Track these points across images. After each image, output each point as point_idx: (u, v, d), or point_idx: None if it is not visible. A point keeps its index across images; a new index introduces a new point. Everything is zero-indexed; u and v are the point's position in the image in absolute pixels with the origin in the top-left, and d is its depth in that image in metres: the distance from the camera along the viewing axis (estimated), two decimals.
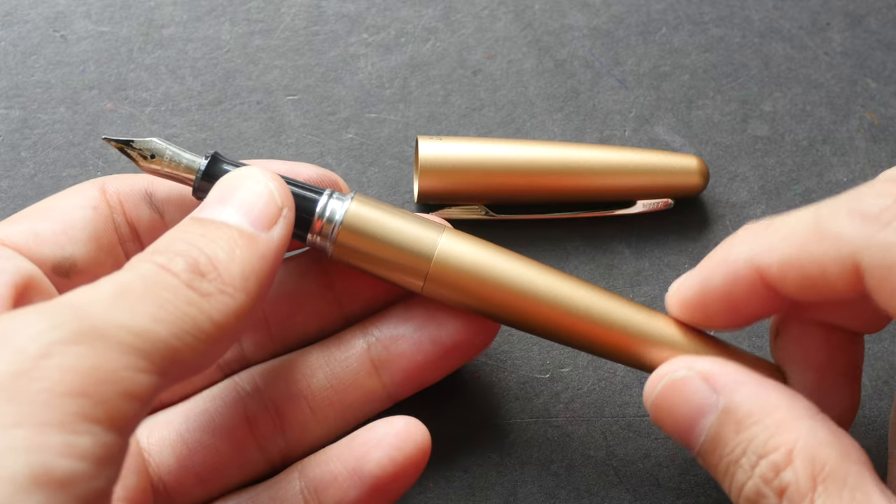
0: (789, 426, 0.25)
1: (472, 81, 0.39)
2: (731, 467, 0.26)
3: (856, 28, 0.41)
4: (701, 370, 0.27)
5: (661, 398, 0.27)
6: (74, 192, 0.30)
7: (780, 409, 0.26)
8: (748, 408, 0.26)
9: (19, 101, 0.38)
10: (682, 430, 0.27)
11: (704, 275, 0.28)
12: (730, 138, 0.39)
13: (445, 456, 0.33)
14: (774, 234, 0.27)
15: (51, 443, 0.20)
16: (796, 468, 0.25)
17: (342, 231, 0.29)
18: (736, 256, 0.27)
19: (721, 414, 0.26)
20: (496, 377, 0.34)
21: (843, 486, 0.24)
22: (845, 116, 0.39)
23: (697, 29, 0.41)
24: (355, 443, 0.29)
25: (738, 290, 0.27)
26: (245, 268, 0.25)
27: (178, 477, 0.29)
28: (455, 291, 0.30)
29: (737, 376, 0.27)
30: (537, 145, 0.36)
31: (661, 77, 0.40)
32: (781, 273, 0.26)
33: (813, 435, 0.25)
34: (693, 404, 0.27)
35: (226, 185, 0.27)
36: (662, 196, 0.37)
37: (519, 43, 0.40)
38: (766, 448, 0.25)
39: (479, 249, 0.30)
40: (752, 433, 0.26)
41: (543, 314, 0.29)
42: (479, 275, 0.29)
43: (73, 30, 0.39)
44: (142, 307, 0.23)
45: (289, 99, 0.38)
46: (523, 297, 0.29)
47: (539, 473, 0.33)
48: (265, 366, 0.31)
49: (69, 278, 0.28)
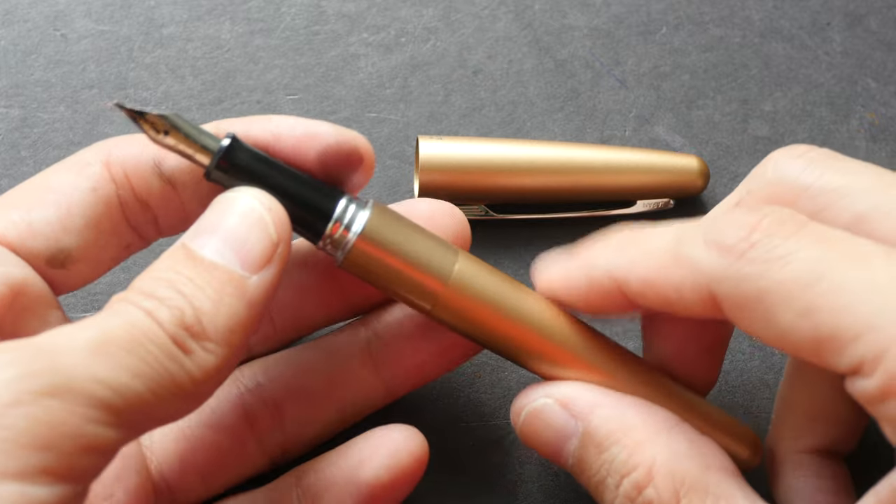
0: (647, 443, 0.26)
1: (473, 81, 0.39)
2: (598, 487, 0.27)
3: (856, 28, 0.41)
4: (559, 397, 0.28)
5: (526, 426, 0.28)
6: (75, 168, 0.28)
7: (637, 428, 0.26)
8: (606, 429, 0.27)
9: (19, 100, 0.38)
10: (550, 454, 0.28)
11: (567, 273, 0.28)
12: (730, 138, 0.39)
13: (445, 455, 0.33)
14: (635, 250, 0.27)
15: (7, 493, 0.20)
16: (657, 485, 0.25)
17: (358, 242, 0.27)
18: (597, 266, 0.28)
19: (582, 437, 0.27)
20: (497, 377, 0.34)
21: (705, 495, 0.25)
22: (845, 116, 0.39)
23: (698, 29, 0.41)
24: (352, 451, 0.29)
25: (596, 296, 0.28)
26: (230, 320, 0.24)
27: (181, 474, 0.29)
28: (462, 322, 0.28)
29: (594, 398, 0.27)
30: (538, 145, 0.36)
31: (661, 77, 0.40)
32: (640, 290, 0.27)
33: (671, 449, 0.26)
34: (555, 431, 0.28)
35: (219, 210, 0.26)
36: (663, 196, 0.37)
37: (519, 43, 0.40)
38: (627, 467, 0.26)
39: (492, 281, 0.29)
40: (612, 454, 0.26)
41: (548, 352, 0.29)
42: (488, 309, 0.28)
43: (73, 28, 0.39)
44: (120, 360, 0.22)
45: (289, 98, 0.38)
46: (531, 333, 0.29)
47: (539, 473, 0.33)
48: (266, 360, 0.31)
49: (65, 268, 0.27)
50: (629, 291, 0.27)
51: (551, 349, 0.28)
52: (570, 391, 0.28)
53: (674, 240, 0.26)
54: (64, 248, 0.27)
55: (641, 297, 0.27)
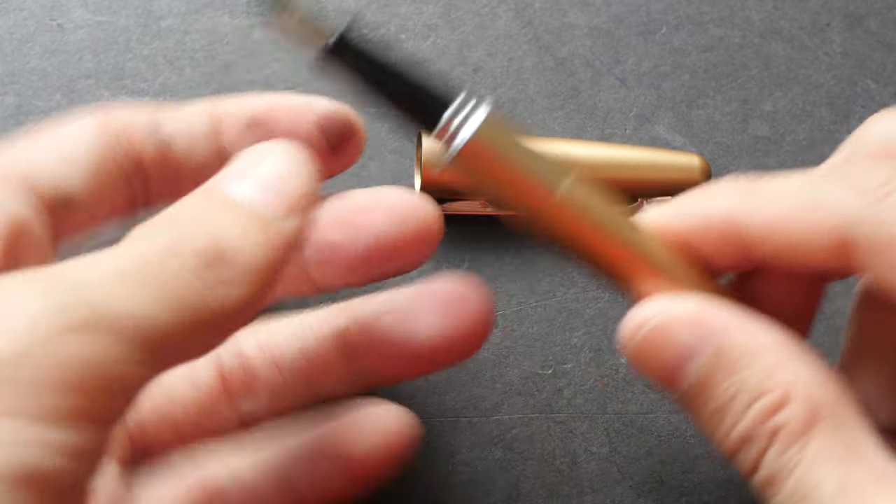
0: (784, 366, 0.24)
1: (473, 79, 0.39)
2: (718, 412, 0.25)
3: (856, 29, 0.41)
4: (686, 312, 0.25)
5: (647, 342, 0.26)
6: (73, 121, 0.27)
7: (772, 350, 0.25)
8: (740, 349, 0.25)
9: (14, 88, 0.37)
10: (665, 374, 0.26)
11: (676, 215, 0.27)
12: (730, 138, 0.39)
13: (447, 451, 0.32)
14: (761, 193, 0.26)
15: (37, 437, 0.19)
16: (793, 409, 0.23)
17: (473, 139, 0.26)
18: (716, 208, 0.26)
19: (711, 357, 0.25)
20: (498, 372, 0.34)
21: (837, 428, 0.23)
22: (845, 117, 0.39)
23: (698, 29, 0.41)
24: (335, 424, 0.29)
25: (709, 242, 0.26)
26: (256, 260, 0.23)
27: (156, 424, 0.29)
28: (568, 232, 0.27)
29: (726, 316, 0.25)
30: (540, 141, 0.36)
31: (661, 76, 0.40)
32: (762, 235, 0.25)
33: (808, 375, 0.24)
34: (679, 347, 0.25)
35: (250, 157, 0.25)
36: (664, 194, 0.37)
37: (519, 41, 0.40)
38: (761, 389, 0.24)
39: (604, 198, 0.27)
40: (745, 375, 0.24)
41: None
42: (598, 224, 0.27)
43: (70, 18, 0.39)
44: (144, 292, 0.21)
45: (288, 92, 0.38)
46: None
47: (541, 469, 0.33)
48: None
49: (68, 212, 0.26)
50: (749, 236, 0.25)
51: (659, 274, 0.27)
52: (700, 308, 0.25)
53: (805, 184, 0.25)
54: (65, 192, 0.26)
55: (762, 242, 0.25)
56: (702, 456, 0.33)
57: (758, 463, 0.24)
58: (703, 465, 0.33)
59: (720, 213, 0.26)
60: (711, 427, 0.25)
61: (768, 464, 0.24)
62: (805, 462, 0.23)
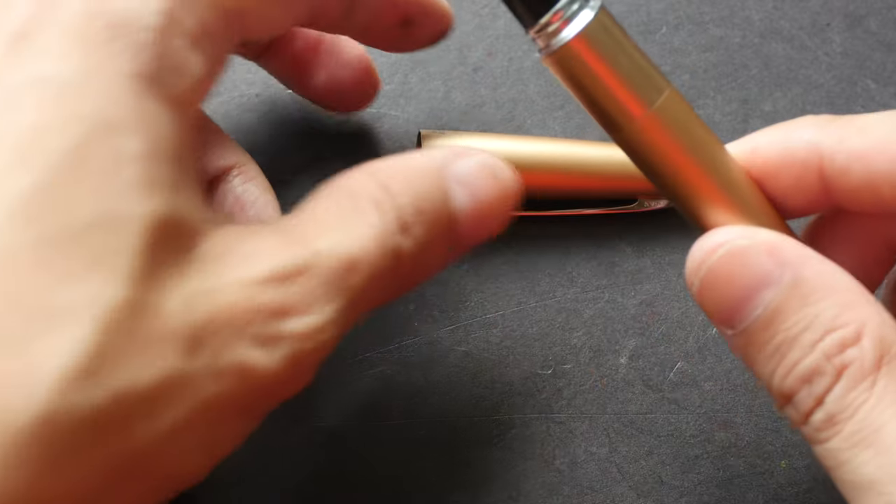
0: (859, 304, 0.24)
1: (473, 78, 0.39)
2: (785, 345, 0.24)
3: (855, 29, 0.41)
4: (765, 240, 0.25)
5: (720, 267, 0.25)
6: None
7: (848, 288, 0.24)
8: (817, 283, 0.24)
9: None
10: (734, 302, 0.25)
11: (755, 149, 0.27)
12: (730, 138, 0.38)
13: (448, 451, 0.32)
14: (847, 126, 0.25)
15: None
16: (863, 346, 0.23)
17: (574, 40, 0.25)
18: (799, 139, 0.26)
19: (787, 285, 0.24)
20: (498, 372, 0.34)
21: None
22: None
23: (698, 29, 0.41)
24: None
25: (787, 175, 0.26)
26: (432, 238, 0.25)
27: None
28: (653, 151, 0.26)
29: (802, 251, 0.25)
30: (540, 142, 0.36)
31: None
32: (845, 167, 0.25)
33: (881, 316, 0.24)
34: (754, 275, 0.25)
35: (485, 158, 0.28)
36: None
37: (519, 41, 0.40)
38: (835, 323, 0.24)
39: (694, 120, 0.27)
40: (820, 308, 0.24)
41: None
42: (684, 145, 0.26)
43: None
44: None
45: (288, 92, 0.38)
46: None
47: (541, 469, 0.33)
48: None
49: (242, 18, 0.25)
50: (833, 168, 0.25)
51: (736, 205, 0.26)
52: (778, 238, 0.25)
53: (894, 118, 0.25)
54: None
55: (844, 175, 0.25)
56: (702, 456, 0.33)
57: (820, 400, 0.23)
58: (703, 465, 0.33)
59: (803, 144, 0.26)
60: (772, 364, 0.25)
61: (831, 402, 0.23)
62: (871, 402, 0.23)
